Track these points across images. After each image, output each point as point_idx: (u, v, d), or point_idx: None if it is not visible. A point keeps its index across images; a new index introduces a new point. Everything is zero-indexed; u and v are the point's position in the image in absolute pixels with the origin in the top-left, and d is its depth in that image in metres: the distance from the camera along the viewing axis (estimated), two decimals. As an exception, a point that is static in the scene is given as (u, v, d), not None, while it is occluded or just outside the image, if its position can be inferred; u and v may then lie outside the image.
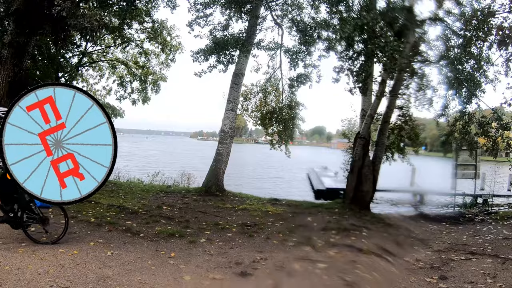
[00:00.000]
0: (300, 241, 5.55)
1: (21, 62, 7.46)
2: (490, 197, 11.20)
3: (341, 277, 3.96)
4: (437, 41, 9.04)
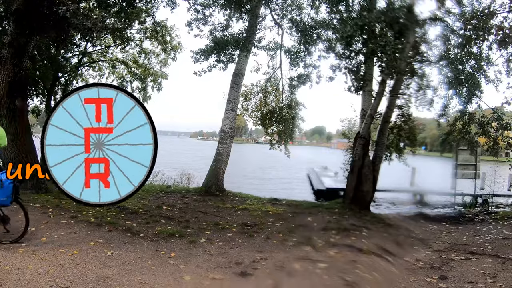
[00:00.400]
0: (300, 241, 5.55)
1: (21, 62, 7.45)
2: (490, 197, 11.21)
3: (341, 277, 3.96)
4: (437, 41, 9.06)
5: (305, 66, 10.92)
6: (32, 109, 11.93)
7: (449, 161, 10.81)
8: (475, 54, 8.89)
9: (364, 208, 8.53)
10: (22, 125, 7.52)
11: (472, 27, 8.28)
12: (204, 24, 10.39)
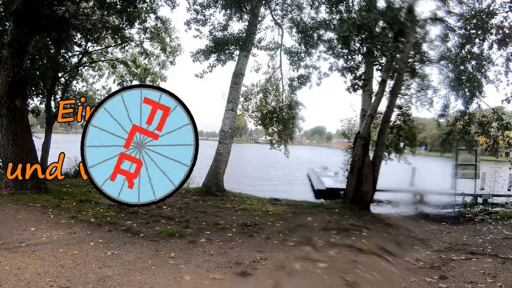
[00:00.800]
0: (300, 241, 5.55)
1: (21, 62, 7.45)
2: (490, 197, 11.21)
3: (341, 277, 3.96)
4: (437, 41, 9.06)
5: (306, 67, 10.93)
6: (32, 109, 11.94)
7: (449, 161, 10.80)
8: (476, 54, 8.89)
9: (364, 208, 8.53)
10: (22, 125, 7.51)
11: (472, 26, 8.28)
12: (204, 24, 10.39)
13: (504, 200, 12.00)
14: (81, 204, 7.00)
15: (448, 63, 9.14)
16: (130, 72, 13.24)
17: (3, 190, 7.27)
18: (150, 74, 13.15)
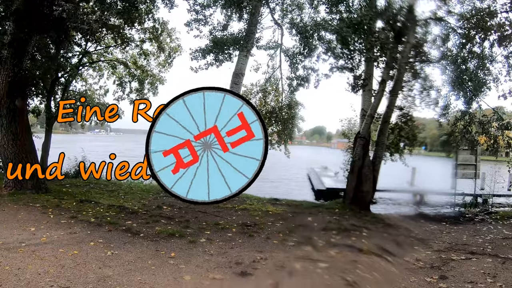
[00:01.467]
0: (300, 241, 5.55)
1: (21, 62, 7.44)
2: (490, 196, 11.20)
3: (342, 276, 3.97)
4: (438, 41, 9.06)
5: (304, 68, 10.92)
6: (33, 109, 11.94)
7: (449, 161, 10.80)
8: (477, 53, 8.89)
9: (364, 208, 8.52)
10: (22, 125, 7.51)
11: (473, 26, 8.28)
12: (204, 24, 10.39)
13: (504, 200, 12.00)
14: (81, 204, 7.00)
15: (449, 63, 9.14)
16: (130, 73, 13.24)
17: (3, 190, 7.27)
18: (149, 76, 13.15)
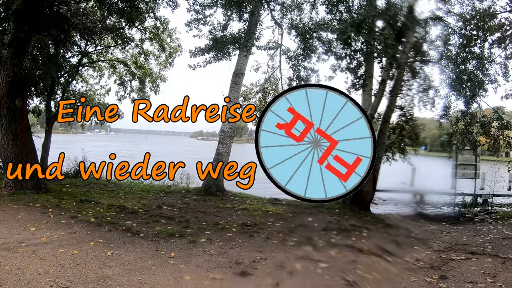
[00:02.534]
0: (300, 241, 5.55)
1: (21, 62, 7.44)
2: (490, 196, 11.19)
3: (342, 277, 3.97)
4: (438, 41, 9.07)
5: (305, 69, 10.91)
6: (33, 109, 11.94)
7: (449, 161, 10.80)
8: (477, 53, 8.89)
9: (364, 208, 8.52)
10: (22, 125, 7.51)
11: (473, 27, 8.29)
12: (204, 24, 10.40)
13: (504, 200, 11.99)
14: (81, 204, 7.00)
15: (449, 63, 9.14)
16: (130, 72, 13.24)
17: (3, 190, 7.27)
18: (149, 75, 13.15)
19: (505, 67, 8.73)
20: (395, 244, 5.63)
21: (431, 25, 8.47)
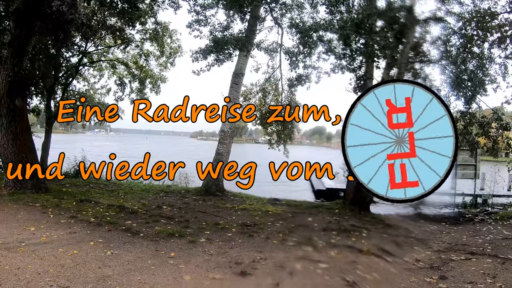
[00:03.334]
0: (300, 241, 5.55)
1: (21, 61, 7.45)
2: (490, 197, 11.19)
3: (342, 277, 3.97)
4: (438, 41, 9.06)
5: (305, 67, 10.92)
6: (33, 108, 11.95)
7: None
8: (477, 53, 8.89)
9: (364, 208, 8.53)
10: (22, 125, 7.51)
11: (473, 27, 8.29)
12: (205, 25, 10.41)
13: (504, 201, 11.99)
14: (81, 204, 7.00)
15: (449, 63, 9.14)
16: (130, 72, 13.25)
17: (3, 190, 7.27)
18: (149, 76, 13.15)
19: (505, 67, 8.74)
20: (395, 245, 5.63)
21: (431, 25, 8.47)
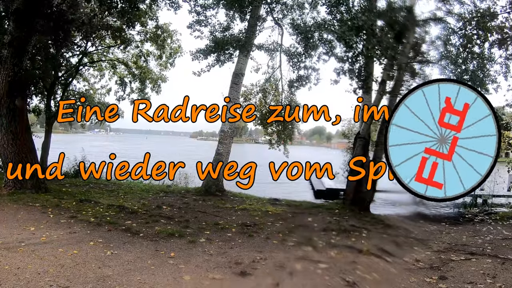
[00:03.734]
0: (300, 241, 5.55)
1: (21, 61, 7.45)
2: (489, 197, 11.18)
3: (342, 277, 3.97)
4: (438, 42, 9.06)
5: (305, 68, 10.91)
6: (33, 108, 11.95)
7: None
8: (477, 53, 8.89)
9: (364, 209, 8.52)
10: (22, 124, 7.51)
11: (473, 27, 8.29)
12: (205, 25, 10.40)
13: (504, 201, 11.98)
14: (80, 203, 7.00)
15: (449, 63, 9.13)
16: (130, 72, 13.25)
17: (3, 190, 7.27)
18: (148, 78, 13.16)
19: (506, 67, 8.74)
20: (395, 245, 5.63)
21: (431, 25, 8.47)
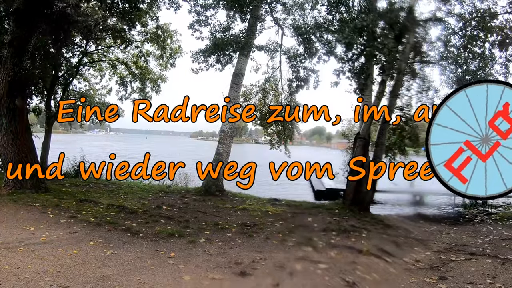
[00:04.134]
0: (300, 241, 5.55)
1: (21, 61, 7.45)
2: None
3: (342, 277, 3.97)
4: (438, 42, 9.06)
5: (305, 69, 10.91)
6: (33, 108, 11.94)
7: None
8: (478, 53, 8.89)
9: (364, 209, 8.52)
10: (22, 124, 7.51)
11: (474, 27, 8.29)
12: (205, 25, 10.41)
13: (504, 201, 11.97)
14: (80, 203, 7.00)
15: (449, 63, 9.14)
16: (130, 72, 13.25)
17: (3, 190, 7.27)
18: (147, 78, 13.16)
19: (506, 67, 8.74)
20: (395, 245, 5.64)
21: (431, 25, 8.48)
